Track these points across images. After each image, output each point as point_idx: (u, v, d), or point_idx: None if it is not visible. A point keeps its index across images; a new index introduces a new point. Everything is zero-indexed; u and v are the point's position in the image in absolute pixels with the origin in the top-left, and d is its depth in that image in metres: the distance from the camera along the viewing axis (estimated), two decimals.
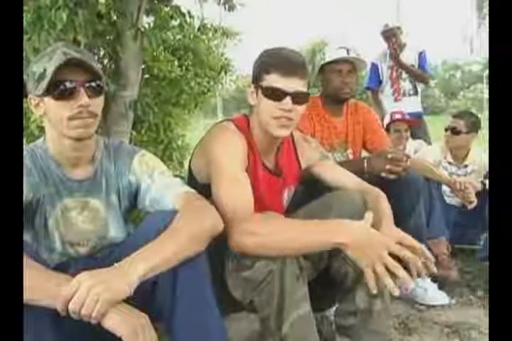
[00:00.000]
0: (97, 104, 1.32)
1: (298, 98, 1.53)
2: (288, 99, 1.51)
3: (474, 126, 2.94)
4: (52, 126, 1.33)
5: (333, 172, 1.79)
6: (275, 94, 1.52)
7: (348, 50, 2.28)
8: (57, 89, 1.26)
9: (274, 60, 1.55)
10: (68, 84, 1.26)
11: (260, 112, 1.58)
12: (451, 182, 2.64)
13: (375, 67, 4.25)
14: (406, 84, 4.20)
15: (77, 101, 1.27)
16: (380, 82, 4.24)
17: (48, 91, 1.27)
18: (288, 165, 1.76)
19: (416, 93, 4.23)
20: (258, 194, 1.61)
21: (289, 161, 1.77)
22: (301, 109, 1.57)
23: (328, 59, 2.30)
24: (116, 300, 1.07)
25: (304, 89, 1.55)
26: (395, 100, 4.17)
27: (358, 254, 1.35)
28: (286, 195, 1.77)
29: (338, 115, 2.38)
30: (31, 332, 1.05)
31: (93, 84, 1.30)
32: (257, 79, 1.58)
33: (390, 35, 4.13)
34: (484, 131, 2.68)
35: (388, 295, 1.60)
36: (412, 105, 4.16)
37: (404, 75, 4.17)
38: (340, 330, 1.61)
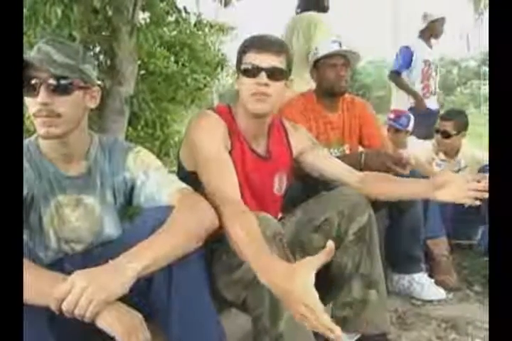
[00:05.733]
0: (61, 103, 1.27)
1: (273, 73, 1.56)
2: (263, 74, 1.55)
3: (463, 125, 2.93)
4: None
5: (326, 162, 1.81)
6: (251, 71, 1.57)
7: (340, 44, 2.28)
8: (25, 86, 1.24)
9: (249, 40, 1.63)
10: (32, 81, 1.24)
11: (240, 91, 1.62)
12: None
13: (408, 52, 4.13)
14: (432, 83, 4.21)
15: (37, 98, 1.25)
16: (407, 67, 4.16)
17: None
18: (279, 150, 1.77)
19: (435, 92, 4.29)
20: (248, 179, 1.64)
21: (280, 147, 1.78)
22: (280, 85, 1.59)
23: (321, 54, 2.30)
24: (110, 299, 1.06)
25: (280, 66, 1.58)
26: (423, 97, 4.16)
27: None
28: (278, 180, 1.76)
29: (333, 110, 2.38)
30: (31, 332, 1.04)
31: (54, 82, 1.25)
32: (238, 63, 1.63)
33: (437, 24, 4.15)
34: (482, 127, 2.67)
35: (384, 286, 1.66)
36: (434, 103, 4.25)
37: (433, 73, 4.19)
38: (337, 321, 1.61)
